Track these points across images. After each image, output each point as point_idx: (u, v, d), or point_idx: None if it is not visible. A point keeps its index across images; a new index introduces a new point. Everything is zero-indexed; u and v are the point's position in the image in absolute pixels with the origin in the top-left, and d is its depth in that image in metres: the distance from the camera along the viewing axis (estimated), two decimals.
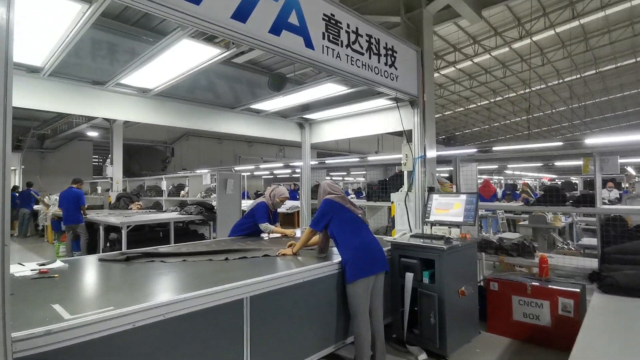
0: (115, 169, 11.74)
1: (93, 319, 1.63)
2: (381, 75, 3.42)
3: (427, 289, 3.11)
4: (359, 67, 3.16)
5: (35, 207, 11.65)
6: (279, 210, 4.56)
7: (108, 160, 12.64)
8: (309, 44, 2.73)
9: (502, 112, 25.39)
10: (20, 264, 2.76)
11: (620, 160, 3.84)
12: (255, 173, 20.05)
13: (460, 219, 3.50)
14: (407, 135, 4.08)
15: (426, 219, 3.78)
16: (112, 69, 3.30)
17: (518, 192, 11.27)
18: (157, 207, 10.46)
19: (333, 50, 2.93)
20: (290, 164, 12.36)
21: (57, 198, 9.68)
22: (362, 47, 3.21)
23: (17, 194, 12.27)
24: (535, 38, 13.78)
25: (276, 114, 4.86)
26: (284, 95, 3.99)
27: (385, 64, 3.48)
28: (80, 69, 3.22)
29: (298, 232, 4.34)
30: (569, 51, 15.06)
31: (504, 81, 18.70)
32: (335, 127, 5.00)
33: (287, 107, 4.47)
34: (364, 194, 7.63)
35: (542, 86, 18.91)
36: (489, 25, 13.27)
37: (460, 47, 14.58)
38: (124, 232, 6.62)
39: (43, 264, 2.76)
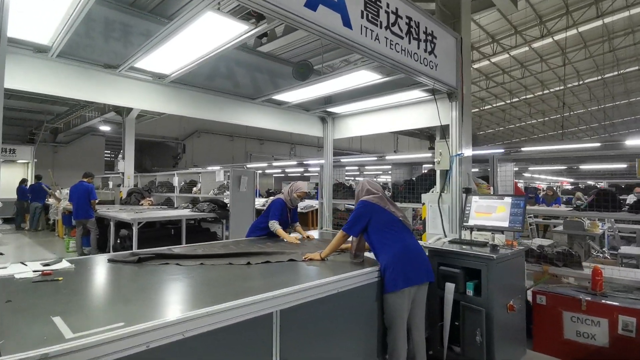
0: (127, 164, 11.58)
1: (99, 340, 1.33)
2: (420, 63, 3.08)
3: (472, 303, 2.76)
4: (398, 52, 2.83)
5: (47, 201, 11.55)
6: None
7: (120, 155, 12.52)
8: (346, 22, 2.41)
9: (517, 114, 24.73)
10: (23, 263, 2.49)
11: None
12: (266, 171, 19.81)
13: (506, 224, 3.14)
14: (442, 131, 3.72)
15: (464, 223, 3.44)
16: (126, 51, 3.02)
17: (540, 195, 10.82)
18: (169, 203, 10.25)
19: (372, 31, 2.60)
20: (304, 162, 12.04)
21: (68, 192, 9.56)
22: (401, 30, 2.87)
23: (28, 187, 12.19)
24: (556, 37, 13.26)
25: (298, 106, 4.55)
26: (309, 85, 3.66)
27: (425, 50, 3.14)
28: (92, 50, 2.94)
29: (315, 234, 4.01)
30: (590, 52, 14.48)
31: (521, 82, 18.14)
32: (361, 122, 4.66)
33: (310, 98, 4.14)
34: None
35: (561, 87, 18.28)
36: (509, 24, 12.80)
37: (478, 46, 14.12)
38: (134, 229, 6.39)
39: (47, 264, 2.48)
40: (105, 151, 18.91)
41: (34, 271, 2.31)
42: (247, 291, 1.96)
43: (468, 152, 3.82)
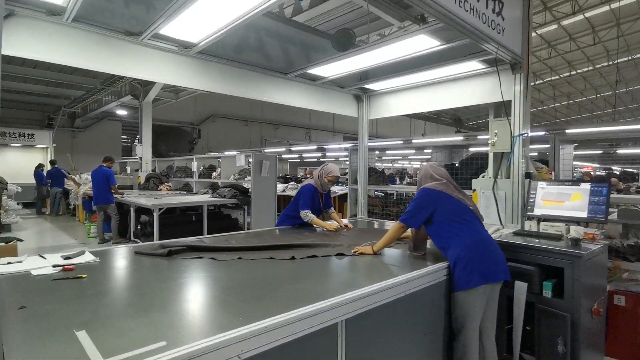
0: (144, 149, 11.41)
1: None
2: (488, 25, 2.62)
3: (551, 306, 2.37)
4: (467, 10, 2.38)
5: (67, 186, 11.50)
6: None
7: (137, 140, 12.37)
8: None
9: (541, 97, 23.51)
10: (41, 256, 2.21)
11: None
12: (283, 156, 19.48)
13: (584, 215, 2.72)
14: (496, 108, 3.27)
15: (528, 213, 3.02)
16: (148, 16, 2.65)
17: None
18: (187, 188, 10.05)
19: None
20: (325, 146, 11.63)
21: (88, 177, 9.42)
22: None
23: (45, 173, 12.16)
24: (588, 14, 12.24)
25: (332, 83, 4.13)
26: (350, 56, 3.23)
27: (493, 11, 2.67)
28: (111, 15, 2.58)
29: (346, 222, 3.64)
30: (622, 30, 13.38)
31: (546, 63, 17.02)
32: (401, 100, 4.21)
33: (350, 72, 3.72)
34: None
35: (590, 68, 17.03)
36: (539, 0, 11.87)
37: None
38: (155, 215, 6.16)
39: (69, 257, 2.20)
40: (122, 136, 18.86)
41: (54, 266, 2.02)
42: (302, 295, 1.63)
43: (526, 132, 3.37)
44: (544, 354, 2.40)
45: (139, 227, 7.13)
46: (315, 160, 21.00)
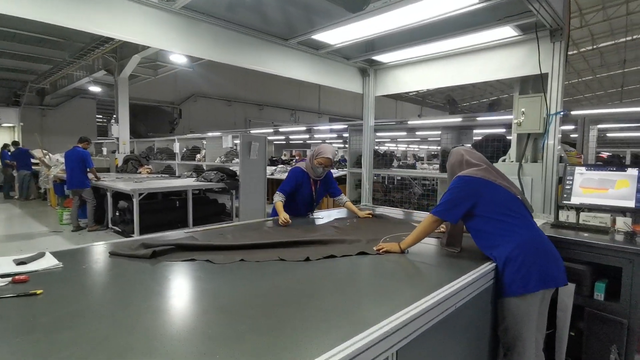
0: (121, 129, 10.62)
1: None
2: None
3: (604, 310, 2.07)
4: None
5: (36, 167, 10.66)
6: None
7: (112, 119, 11.53)
8: None
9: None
10: None
11: None
12: (268, 138, 18.85)
13: (632, 204, 2.41)
14: (543, 81, 2.85)
15: (564, 202, 2.69)
16: None
17: None
18: (169, 171, 9.44)
19: None
20: (315, 127, 11.12)
21: (60, 158, 8.68)
22: None
23: (9, 153, 11.24)
24: None
25: (337, 53, 3.65)
26: (364, 18, 2.75)
27: None
28: None
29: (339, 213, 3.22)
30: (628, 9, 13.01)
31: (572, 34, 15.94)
32: (413, 74, 3.77)
33: (357, 40, 3.24)
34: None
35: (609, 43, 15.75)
36: None
37: None
38: (135, 201, 5.62)
39: (23, 262, 1.72)
40: (97, 115, 17.74)
41: (1, 276, 1.55)
42: (331, 317, 1.23)
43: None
44: None
45: (117, 214, 6.56)
46: (301, 142, 20.47)
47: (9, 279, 1.52)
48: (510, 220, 1.85)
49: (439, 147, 4.94)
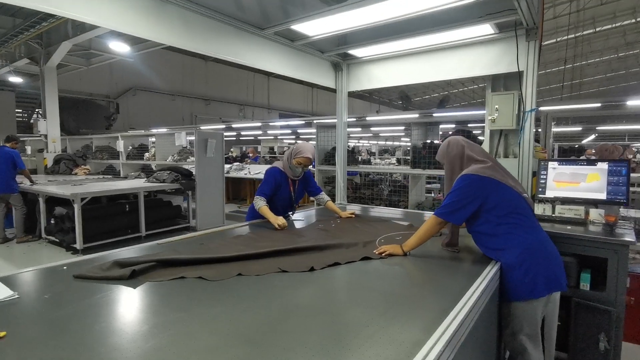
0: (50, 125, 9.42)
1: None
2: None
3: (590, 300, 2.17)
4: None
5: None
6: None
7: (36, 114, 10.20)
8: None
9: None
10: None
11: None
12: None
13: (603, 196, 2.56)
14: (520, 78, 2.92)
15: (539, 195, 2.81)
16: None
17: None
18: (111, 172, 8.59)
19: None
20: (271, 123, 10.81)
21: None
22: None
23: None
24: None
25: (311, 45, 3.48)
26: (348, 9, 2.62)
27: None
28: None
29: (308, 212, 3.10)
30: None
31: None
32: (387, 70, 3.71)
33: (335, 32, 3.10)
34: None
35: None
36: None
37: None
38: (76, 207, 4.98)
39: None
40: (17, 109, 15.66)
41: None
42: (355, 334, 1.10)
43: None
44: (580, 351, 2.21)
45: (52, 222, 5.78)
46: (252, 138, 19.89)
47: None
48: (516, 222, 1.80)
49: (409, 143, 4.98)
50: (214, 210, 6.80)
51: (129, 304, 1.38)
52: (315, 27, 3.02)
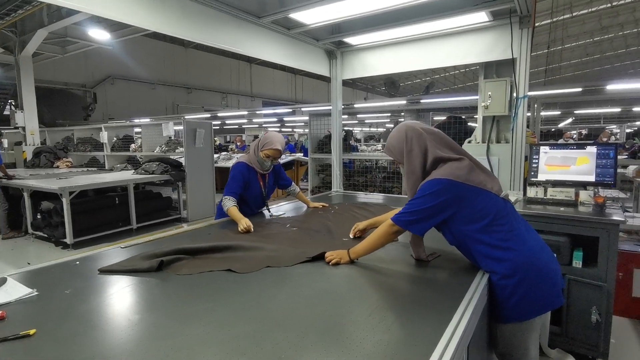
0: (27, 117, 9.07)
1: None
2: None
3: (584, 277, 2.30)
4: None
5: None
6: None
7: (9, 104, 9.74)
8: None
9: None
10: None
11: None
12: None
13: (592, 178, 2.69)
14: (514, 65, 2.99)
15: (531, 178, 2.93)
16: None
17: None
18: (95, 164, 8.38)
19: None
20: (257, 112, 10.69)
21: None
22: None
23: None
24: None
25: (307, 34, 3.46)
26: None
27: None
28: None
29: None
30: None
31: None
32: (381, 57, 3.73)
33: (333, 21, 3.10)
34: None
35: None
36: None
37: None
38: (65, 201, 4.88)
39: None
40: None
41: None
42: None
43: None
44: (572, 324, 2.36)
45: (38, 217, 5.63)
46: (236, 127, 19.64)
47: None
48: (504, 236, 1.47)
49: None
50: (205, 200, 6.77)
51: (153, 296, 1.39)
52: (313, 15, 3.01)
